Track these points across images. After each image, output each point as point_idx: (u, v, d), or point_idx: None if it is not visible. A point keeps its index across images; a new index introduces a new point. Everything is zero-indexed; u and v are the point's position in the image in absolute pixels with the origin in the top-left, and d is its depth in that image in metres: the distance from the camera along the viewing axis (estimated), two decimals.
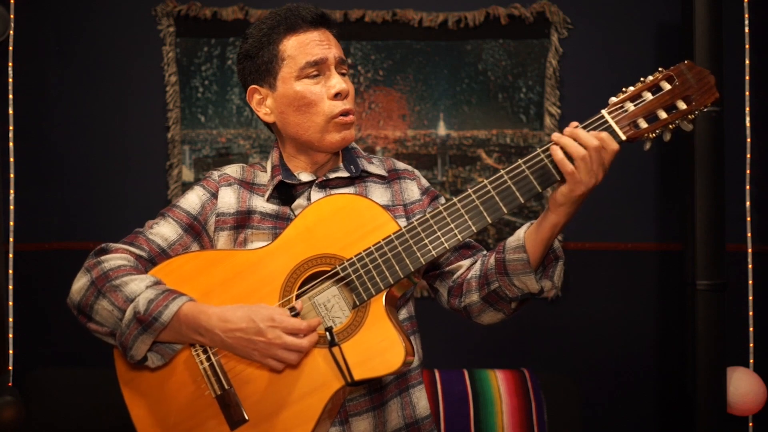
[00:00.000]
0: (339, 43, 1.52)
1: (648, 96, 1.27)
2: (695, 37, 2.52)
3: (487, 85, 3.07)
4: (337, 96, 1.47)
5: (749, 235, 2.69)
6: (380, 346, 1.30)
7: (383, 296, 1.34)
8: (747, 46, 2.68)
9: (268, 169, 1.55)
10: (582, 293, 3.07)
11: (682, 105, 1.26)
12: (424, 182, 1.61)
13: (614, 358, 3.08)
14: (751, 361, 2.67)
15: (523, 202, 1.30)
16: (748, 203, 2.69)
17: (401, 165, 1.62)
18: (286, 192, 1.51)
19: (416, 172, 1.62)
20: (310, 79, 1.46)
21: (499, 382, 2.71)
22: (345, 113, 1.48)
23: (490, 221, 1.31)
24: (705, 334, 2.53)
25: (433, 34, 3.07)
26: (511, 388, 2.69)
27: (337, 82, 1.46)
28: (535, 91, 3.06)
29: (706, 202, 2.53)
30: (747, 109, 2.67)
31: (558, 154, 1.27)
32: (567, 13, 3.05)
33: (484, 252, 1.54)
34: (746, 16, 2.67)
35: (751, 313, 2.68)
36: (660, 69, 1.29)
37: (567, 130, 1.29)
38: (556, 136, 1.29)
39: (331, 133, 1.48)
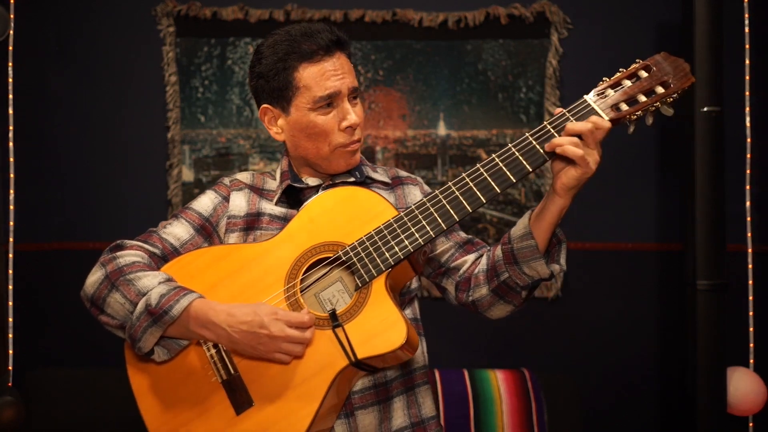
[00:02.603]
0: (352, 65, 1.54)
1: (627, 83, 1.38)
2: (695, 37, 2.52)
3: (487, 85, 3.07)
4: (348, 129, 1.51)
5: (749, 235, 2.68)
6: (383, 325, 1.34)
7: (384, 278, 1.38)
8: (747, 46, 2.67)
9: (277, 176, 1.61)
10: (582, 293, 3.07)
11: (660, 89, 1.35)
12: (427, 188, 1.67)
13: (614, 358, 3.08)
14: (752, 361, 2.66)
15: (515, 181, 1.39)
16: (748, 203, 2.68)
17: (404, 173, 1.68)
18: (294, 196, 1.58)
19: (419, 179, 1.68)
20: (323, 109, 1.50)
21: (499, 382, 2.71)
22: (353, 142, 1.53)
23: (484, 201, 1.38)
24: (705, 334, 2.53)
25: (433, 34, 3.07)
26: (511, 388, 2.69)
27: (350, 115, 1.50)
28: (535, 91, 3.06)
29: (706, 202, 2.53)
30: (747, 109, 2.67)
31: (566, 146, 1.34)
32: (567, 13, 3.05)
33: (488, 248, 1.57)
34: (746, 16, 2.67)
35: (751, 314, 2.67)
36: (637, 60, 1.39)
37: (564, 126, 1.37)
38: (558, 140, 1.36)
39: (337, 160, 1.53)
